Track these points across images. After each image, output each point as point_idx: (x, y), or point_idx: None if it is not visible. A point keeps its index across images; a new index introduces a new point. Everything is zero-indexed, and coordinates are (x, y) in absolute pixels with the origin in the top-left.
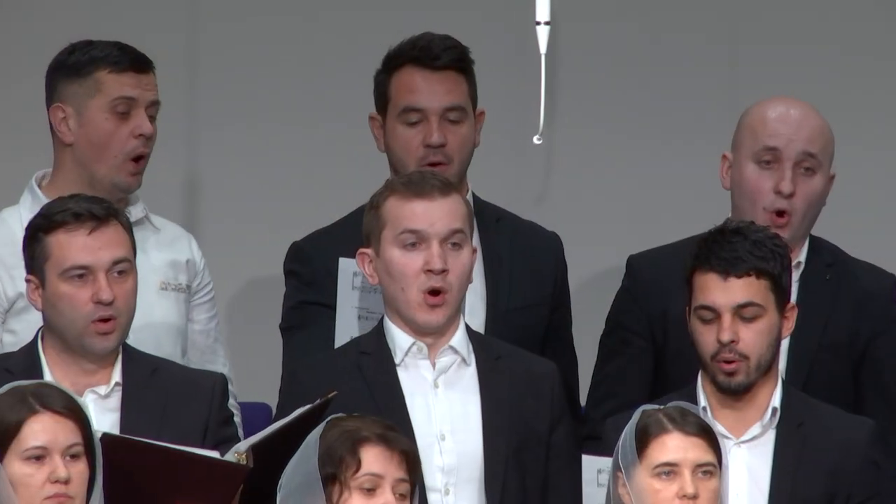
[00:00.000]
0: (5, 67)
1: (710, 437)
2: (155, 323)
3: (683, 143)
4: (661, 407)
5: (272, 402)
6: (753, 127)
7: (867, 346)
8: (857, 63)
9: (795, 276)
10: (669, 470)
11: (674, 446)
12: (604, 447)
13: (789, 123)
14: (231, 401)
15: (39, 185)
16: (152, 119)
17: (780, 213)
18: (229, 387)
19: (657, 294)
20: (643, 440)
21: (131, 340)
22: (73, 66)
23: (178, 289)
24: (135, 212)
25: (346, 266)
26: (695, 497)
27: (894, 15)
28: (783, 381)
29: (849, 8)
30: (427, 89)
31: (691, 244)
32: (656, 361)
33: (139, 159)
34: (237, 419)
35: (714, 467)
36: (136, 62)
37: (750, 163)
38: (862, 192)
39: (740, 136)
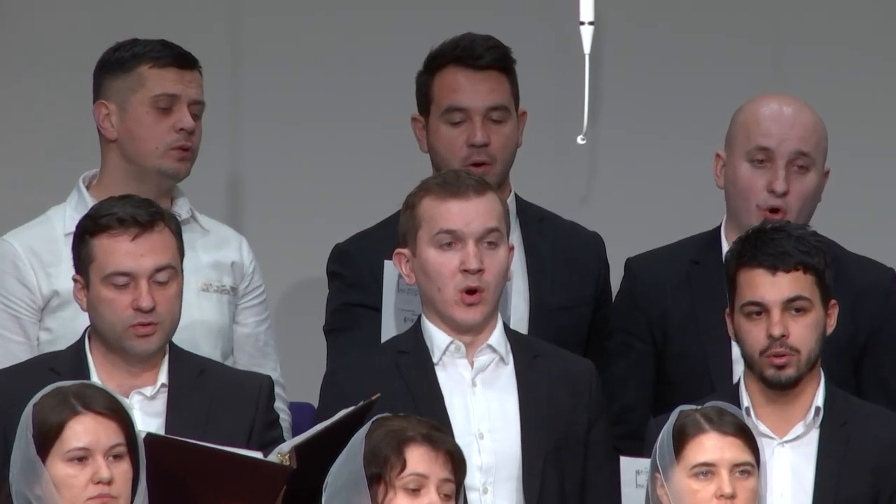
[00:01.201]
0: (53, 67)
1: (747, 437)
2: (193, 323)
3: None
4: (699, 407)
5: (316, 402)
6: (746, 125)
7: (867, 341)
8: None
9: None
10: (707, 470)
11: (711, 446)
12: (646, 448)
13: (782, 122)
14: (280, 405)
15: (87, 186)
16: (196, 117)
17: (774, 211)
18: (280, 391)
19: (657, 296)
20: (680, 440)
21: None
22: (117, 62)
23: (221, 290)
24: (179, 212)
25: (391, 268)
26: (732, 497)
27: None
28: (826, 380)
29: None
30: (470, 89)
31: (688, 244)
32: (657, 364)
33: (184, 149)
34: (287, 423)
35: (752, 467)
36: (179, 59)
37: (743, 161)
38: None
39: (733, 134)
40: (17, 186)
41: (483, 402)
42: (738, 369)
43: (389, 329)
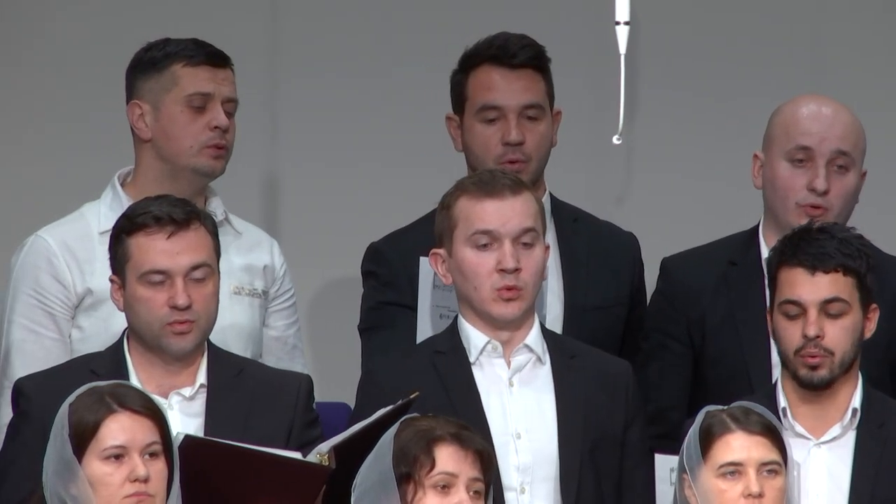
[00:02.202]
0: (88, 64)
1: (774, 436)
2: (224, 326)
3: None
4: (725, 407)
5: (351, 401)
6: (785, 125)
7: None
8: None
9: None
10: (734, 469)
11: (738, 446)
12: (680, 447)
13: (821, 121)
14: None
15: (122, 184)
16: (230, 115)
17: (815, 208)
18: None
19: (694, 297)
20: (707, 440)
21: None
22: (150, 61)
23: (253, 294)
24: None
25: (426, 265)
26: (760, 496)
27: None
28: (864, 382)
29: None
30: (505, 87)
31: (725, 245)
32: (695, 365)
33: (219, 147)
34: None
35: (779, 466)
36: (212, 57)
37: (782, 161)
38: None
39: (772, 134)
40: (52, 183)
41: (520, 401)
42: (778, 372)
43: (425, 325)
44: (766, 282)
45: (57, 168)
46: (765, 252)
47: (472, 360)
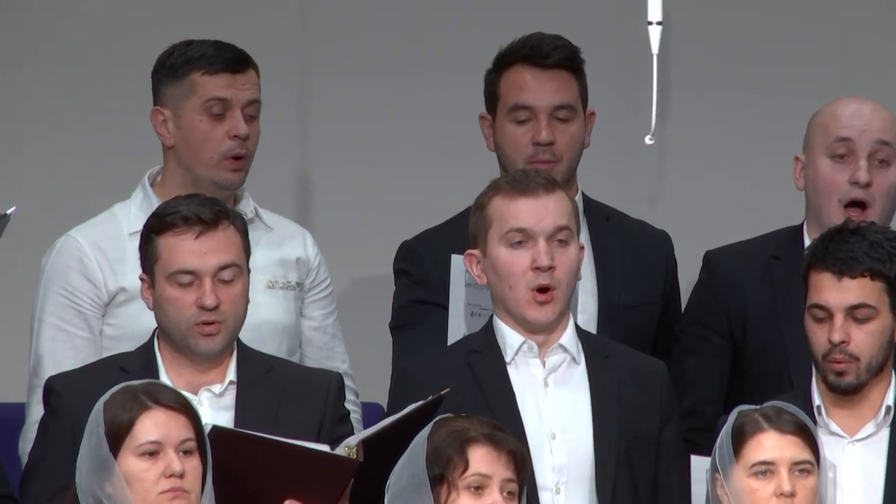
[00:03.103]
0: (118, 63)
1: (806, 435)
2: (259, 322)
3: (796, 143)
4: (758, 406)
5: (382, 401)
6: (825, 124)
7: None
8: None
9: None
10: (766, 469)
11: (770, 445)
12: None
13: (861, 116)
14: (351, 396)
15: (152, 184)
16: (252, 119)
17: (859, 203)
18: (350, 383)
19: (736, 290)
20: (739, 440)
21: None
22: (170, 68)
23: (287, 287)
24: (243, 212)
25: (457, 263)
26: (792, 495)
27: None
28: None
29: None
30: (537, 87)
31: (769, 239)
32: (734, 359)
33: (238, 158)
34: (357, 416)
35: (811, 465)
36: (231, 62)
37: (823, 158)
38: None
39: (812, 134)
40: (82, 183)
41: (555, 402)
42: None
43: (457, 323)
44: None
45: (87, 168)
46: None
47: (507, 359)
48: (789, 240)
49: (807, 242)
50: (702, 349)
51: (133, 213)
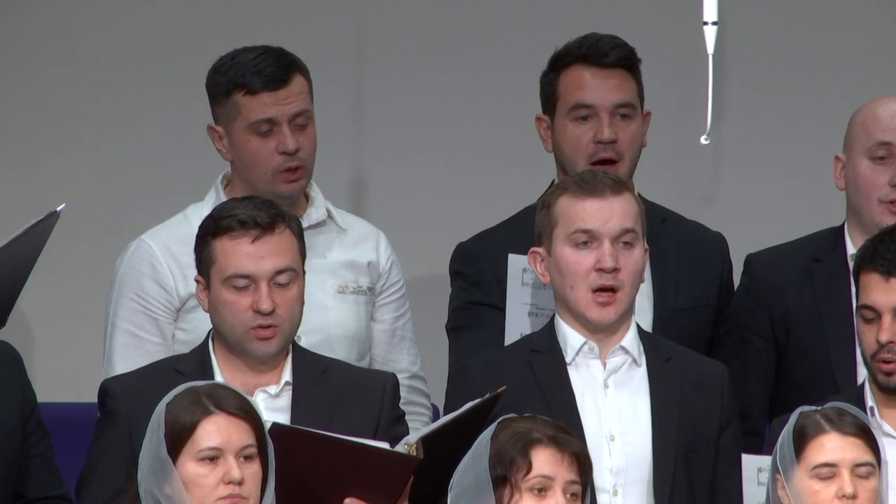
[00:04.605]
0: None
1: (868, 437)
2: (329, 327)
3: None
4: (819, 407)
5: (438, 402)
6: (865, 124)
7: None
8: None
9: None
10: (828, 471)
11: (832, 447)
12: (768, 447)
13: None
14: (421, 399)
15: (225, 186)
16: (303, 127)
17: None
18: (420, 385)
19: (778, 293)
20: (801, 441)
21: (303, 344)
22: (216, 87)
23: (358, 291)
24: (316, 214)
25: (515, 262)
26: (854, 497)
27: None
28: None
29: None
30: (597, 86)
31: (810, 242)
32: (778, 361)
33: (292, 170)
34: (427, 417)
35: (873, 467)
36: (270, 80)
37: (863, 159)
38: None
39: (852, 134)
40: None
41: (615, 403)
42: (863, 369)
43: (514, 323)
44: (852, 280)
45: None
46: (850, 249)
47: (568, 360)
48: (830, 241)
49: (847, 243)
50: (746, 352)
51: (205, 214)
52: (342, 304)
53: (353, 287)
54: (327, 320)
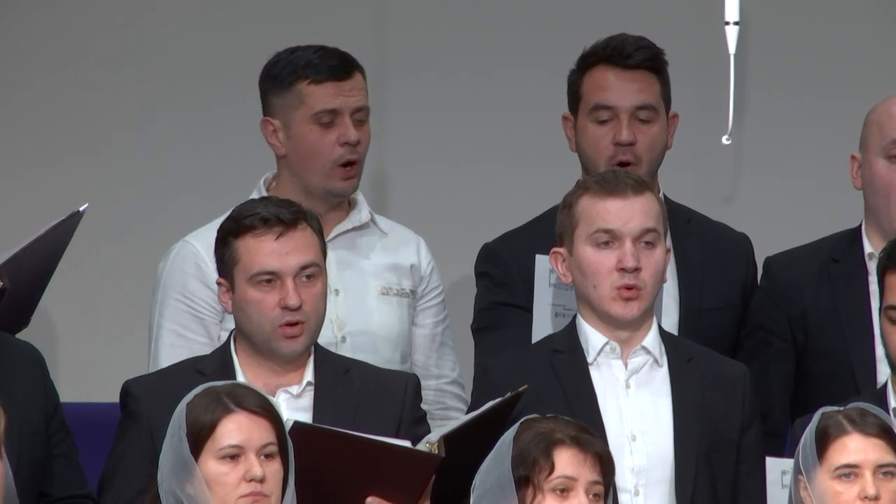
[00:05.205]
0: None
1: (890, 438)
2: (373, 328)
3: None
4: (842, 408)
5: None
6: (880, 123)
7: None
8: None
9: None
10: (850, 472)
11: (854, 448)
12: (789, 448)
13: None
14: (458, 404)
15: (267, 188)
16: (361, 123)
17: None
18: (458, 391)
19: (796, 294)
20: (823, 442)
21: (348, 345)
22: (276, 78)
23: (401, 294)
24: (360, 216)
25: (542, 263)
26: (876, 498)
27: None
28: None
29: None
30: (618, 87)
31: (828, 242)
32: (797, 362)
33: (349, 165)
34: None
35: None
36: (336, 70)
37: (880, 158)
38: None
39: (867, 134)
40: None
41: (636, 403)
42: (882, 368)
43: (541, 323)
44: (870, 280)
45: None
46: (867, 248)
47: (589, 360)
48: (847, 242)
49: (865, 243)
50: (765, 354)
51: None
52: (386, 305)
53: (396, 289)
54: (372, 322)
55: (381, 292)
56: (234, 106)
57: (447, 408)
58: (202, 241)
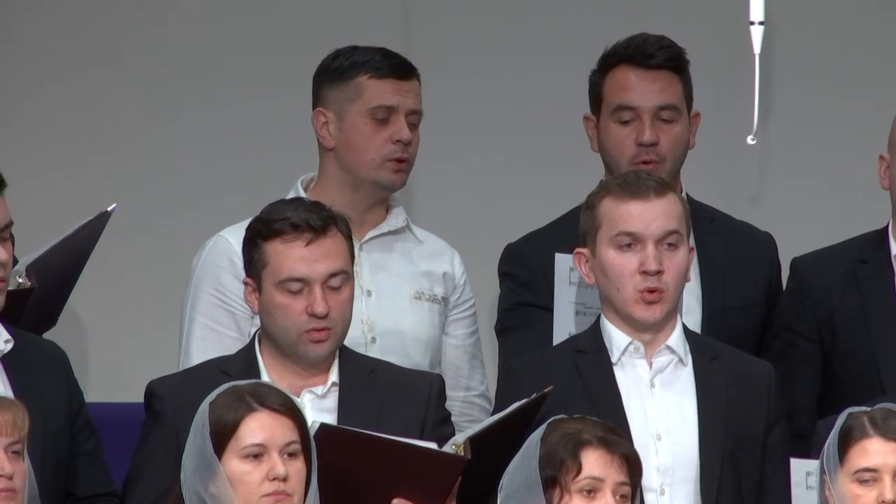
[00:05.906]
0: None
1: None
2: (404, 332)
3: None
4: (868, 409)
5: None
6: None
7: None
8: None
9: None
10: (869, 476)
11: (874, 451)
12: (814, 448)
13: None
14: (484, 417)
15: (305, 189)
16: (413, 126)
17: None
18: (485, 404)
19: (823, 295)
20: (845, 444)
21: (378, 346)
22: (336, 70)
23: (433, 300)
24: (396, 220)
25: (562, 261)
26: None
27: None
28: None
29: None
30: (640, 87)
31: (855, 243)
32: (824, 363)
33: (400, 160)
34: None
35: None
36: (398, 69)
37: None
38: None
39: (895, 133)
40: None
41: (661, 403)
42: None
43: (562, 322)
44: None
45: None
46: (894, 249)
47: (613, 360)
48: (874, 243)
49: (892, 243)
50: (792, 355)
51: None
52: (418, 309)
53: (428, 295)
54: (403, 324)
55: (413, 296)
56: (261, 105)
57: (473, 420)
58: (236, 237)
